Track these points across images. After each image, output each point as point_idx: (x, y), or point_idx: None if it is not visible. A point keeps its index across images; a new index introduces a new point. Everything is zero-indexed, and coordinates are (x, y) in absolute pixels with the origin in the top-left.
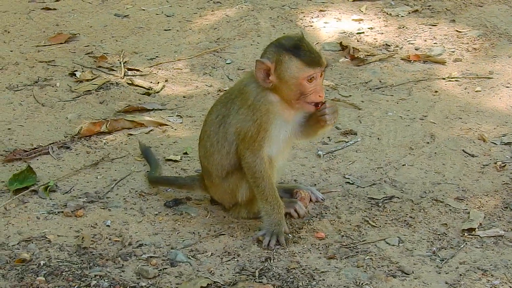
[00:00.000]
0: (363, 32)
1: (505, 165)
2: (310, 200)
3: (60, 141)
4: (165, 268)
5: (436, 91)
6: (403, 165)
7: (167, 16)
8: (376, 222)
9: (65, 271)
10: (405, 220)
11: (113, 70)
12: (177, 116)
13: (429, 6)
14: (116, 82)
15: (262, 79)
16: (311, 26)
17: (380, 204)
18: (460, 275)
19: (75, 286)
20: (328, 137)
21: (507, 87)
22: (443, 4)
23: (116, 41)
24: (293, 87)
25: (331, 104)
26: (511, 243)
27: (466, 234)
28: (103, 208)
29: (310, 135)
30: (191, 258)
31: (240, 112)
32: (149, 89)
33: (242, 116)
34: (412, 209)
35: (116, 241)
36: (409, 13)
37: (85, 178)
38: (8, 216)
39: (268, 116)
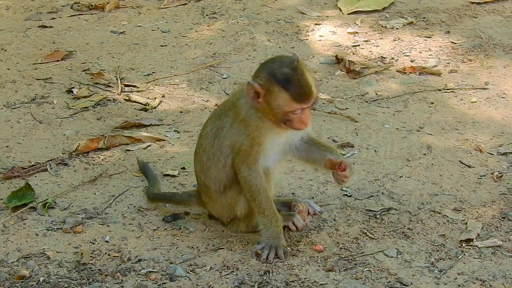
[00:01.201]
0: (358, 45)
1: (502, 175)
2: (308, 213)
3: (58, 158)
4: (164, 283)
5: (432, 103)
6: (400, 176)
7: (163, 32)
8: (374, 234)
9: (65, 287)
10: (403, 232)
11: (110, 86)
12: (174, 131)
13: (424, 18)
14: (113, 99)
15: (251, 99)
16: (307, 39)
17: (378, 216)
18: (459, 285)
19: None
20: None
21: (502, 97)
22: (437, 16)
23: (113, 57)
24: (279, 115)
25: (350, 171)
26: (509, 253)
27: (464, 244)
28: (102, 224)
29: (310, 166)
30: (190, 272)
31: (234, 126)
32: (146, 105)
33: (236, 130)
34: (410, 220)
35: (115, 256)
36: (404, 25)
37: (83, 194)
38: (7, 233)
39: (260, 131)
